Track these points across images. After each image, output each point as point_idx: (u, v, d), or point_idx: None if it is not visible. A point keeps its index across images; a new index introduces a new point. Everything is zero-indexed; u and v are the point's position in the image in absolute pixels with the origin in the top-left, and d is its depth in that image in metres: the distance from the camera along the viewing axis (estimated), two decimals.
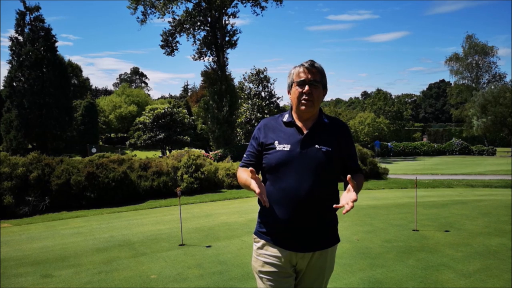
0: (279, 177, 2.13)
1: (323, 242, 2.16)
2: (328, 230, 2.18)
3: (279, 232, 2.14)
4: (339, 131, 2.23)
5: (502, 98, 35.53)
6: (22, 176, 9.73)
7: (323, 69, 2.23)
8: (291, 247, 2.13)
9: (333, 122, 2.26)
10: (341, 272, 4.49)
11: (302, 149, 2.11)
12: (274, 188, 2.14)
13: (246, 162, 2.28)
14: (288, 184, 2.09)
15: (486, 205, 8.53)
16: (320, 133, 2.17)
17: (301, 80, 2.16)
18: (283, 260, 2.15)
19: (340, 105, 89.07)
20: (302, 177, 2.07)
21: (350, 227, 6.69)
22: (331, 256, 2.24)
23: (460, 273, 4.39)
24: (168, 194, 11.50)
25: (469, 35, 48.33)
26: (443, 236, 5.91)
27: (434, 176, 17.48)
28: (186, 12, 30.26)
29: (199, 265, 4.90)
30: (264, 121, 2.32)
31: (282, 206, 2.09)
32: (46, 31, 33.34)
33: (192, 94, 73.11)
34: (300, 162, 2.09)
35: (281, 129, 2.21)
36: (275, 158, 2.14)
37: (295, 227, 2.10)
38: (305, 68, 2.18)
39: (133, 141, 37.70)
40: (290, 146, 2.13)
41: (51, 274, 4.83)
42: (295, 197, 2.07)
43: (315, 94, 2.16)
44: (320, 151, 2.10)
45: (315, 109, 2.19)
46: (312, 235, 2.12)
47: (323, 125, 2.20)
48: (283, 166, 2.11)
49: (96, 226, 7.82)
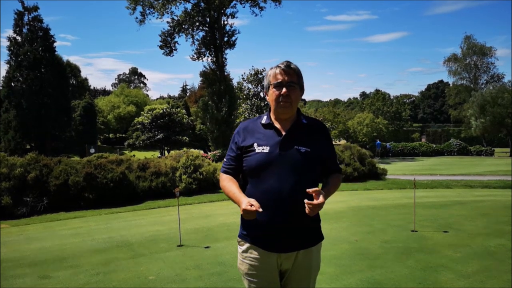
0: (259, 179, 2.14)
1: (306, 242, 2.19)
2: (311, 229, 2.20)
3: (262, 234, 2.16)
4: (317, 132, 2.25)
5: (501, 99, 35.58)
6: (20, 176, 9.71)
7: (300, 70, 2.24)
8: (274, 249, 2.15)
9: (312, 123, 2.28)
10: (340, 273, 4.48)
11: (281, 151, 2.13)
12: (255, 190, 2.15)
13: (227, 167, 2.31)
14: (268, 185, 2.11)
15: (485, 206, 8.53)
16: (299, 134, 2.19)
17: (278, 82, 2.17)
18: (268, 262, 2.17)
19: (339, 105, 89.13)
20: (282, 178, 2.09)
21: (349, 227, 6.69)
22: (316, 255, 2.26)
23: (459, 274, 4.39)
24: (166, 194, 11.47)
25: (468, 36, 48.45)
26: (442, 237, 5.91)
27: (432, 177, 17.49)
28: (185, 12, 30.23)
29: (197, 266, 4.89)
30: (243, 124, 2.34)
31: (264, 208, 2.07)
32: (44, 31, 33.32)
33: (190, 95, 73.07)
34: (280, 163, 2.11)
35: (260, 131, 2.22)
36: (255, 160, 2.16)
37: (277, 228, 2.11)
38: (281, 70, 2.19)
39: (132, 142, 37.66)
40: (269, 148, 2.14)
41: (49, 275, 4.81)
42: (276, 198, 2.08)
43: (293, 96, 2.18)
44: (299, 152, 2.12)
45: (293, 110, 2.22)
46: (295, 235, 2.13)
47: (302, 126, 2.22)
48: (263, 168, 2.13)
49: (95, 226, 7.80)
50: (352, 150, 15.58)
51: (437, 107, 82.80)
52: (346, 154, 15.15)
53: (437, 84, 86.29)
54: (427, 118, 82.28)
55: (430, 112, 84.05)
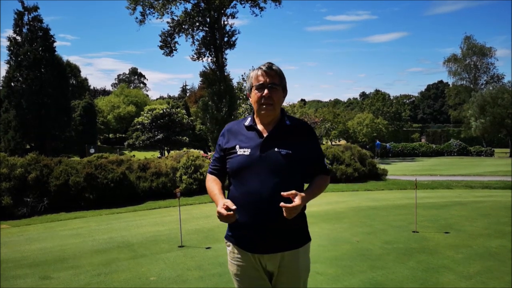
0: (241, 181, 2.16)
1: (289, 243, 2.17)
2: (293, 230, 2.17)
3: (244, 235, 2.18)
4: (301, 133, 2.23)
5: (501, 99, 35.63)
6: (21, 177, 9.71)
7: (282, 71, 2.24)
8: (255, 250, 2.16)
9: (296, 124, 2.25)
10: (341, 274, 4.48)
11: (262, 153, 2.13)
12: (238, 192, 2.17)
13: (212, 167, 2.36)
14: (249, 187, 2.11)
15: (486, 207, 8.53)
16: (281, 136, 2.17)
17: (259, 84, 2.18)
18: (252, 262, 2.19)
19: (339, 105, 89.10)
20: (263, 180, 2.09)
21: (350, 228, 6.69)
22: (304, 256, 2.24)
23: (460, 275, 4.39)
24: (167, 195, 11.46)
25: (468, 36, 48.47)
26: (443, 238, 5.91)
27: (433, 177, 17.49)
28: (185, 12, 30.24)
29: (198, 267, 4.88)
30: (227, 125, 2.36)
31: (245, 210, 2.11)
32: (44, 31, 33.32)
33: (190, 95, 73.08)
34: (260, 165, 2.11)
35: (243, 133, 2.24)
36: (236, 163, 2.18)
37: (257, 230, 2.12)
38: (263, 72, 2.19)
39: (132, 142, 37.65)
40: (250, 150, 2.15)
41: (50, 275, 4.81)
42: (256, 200, 2.09)
43: (275, 97, 2.18)
44: (280, 154, 2.11)
45: (276, 112, 2.20)
46: (276, 236, 2.12)
47: (285, 128, 2.20)
48: (244, 170, 2.14)
49: (95, 227, 7.80)
50: (352, 150, 15.59)
51: (437, 107, 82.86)
52: (346, 154, 15.15)
53: (437, 85, 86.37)
54: (426, 119, 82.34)
55: (430, 113, 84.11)
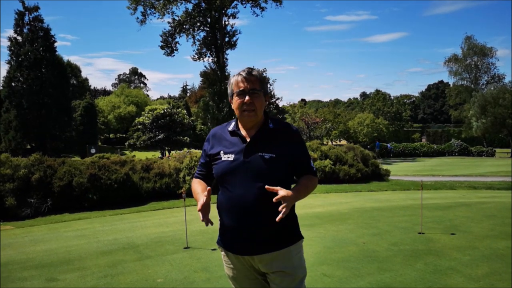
0: (226, 186, 2.18)
1: (277, 243, 2.16)
2: (280, 232, 2.16)
3: (230, 239, 2.20)
4: (285, 136, 2.21)
5: (502, 99, 35.64)
6: (24, 177, 9.69)
7: (262, 75, 2.25)
8: (243, 252, 2.18)
9: (280, 127, 2.24)
10: (349, 276, 4.47)
11: (246, 158, 2.13)
12: (223, 197, 2.20)
13: (198, 172, 2.40)
14: (234, 193, 2.13)
15: (490, 208, 8.51)
16: (264, 140, 2.17)
17: (240, 90, 2.18)
18: (243, 265, 2.23)
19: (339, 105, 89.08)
20: (247, 185, 2.10)
21: (355, 229, 6.67)
22: (296, 256, 2.22)
23: (469, 277, 4.38)
24: (170, 195, 11.43)
25: (468, 36, 48.39)
26: (449, 239, 5.89)
27: (435, 178, 17.48)
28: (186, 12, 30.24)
29: (205, 269, 4.88)
30: (213, 131, 2.38)
31: (230, 214, 2.15)
32: (45, 31, 33.27)
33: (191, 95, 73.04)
34: (244, 170, 2.12)
35: (226, 139, 2.25)
36: (221, 168, 2.19)
37: (244, 233, 2.14)
38: (243, 78, 2.19)
39: (133, 142, 37.60)
40: (234, 155, 2.16)
41: (56, 277, 4.80)
42: (240, 205, 2.11)
43: (257, 103, 2.17)
44: (263, 159, 2.11)
45: (258, 117, 2.20)
46: (262, 237, 2.13)
47: (268, 132, 2.20)
48: (229, 176, 2.16)
49: (99, 228, 7.78)
50: (355, 151, 15.59)
51: (437, 107, 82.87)
52: (349, 155, 15.15)
53: (437, 85, 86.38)
54: (427, 119, 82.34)
55: (431, 113, 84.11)
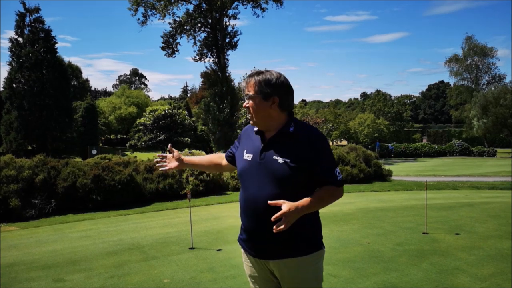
0: (243, 185, 2.18)
1: (290, 250, 2.08)
2: (295, 239, 2.07)
3: (247, 240, 2.20)
4: (304, 141, 2.06)
5: (503, 99, 35.66)
6: (28, 178, 9.70)
7: (263, 77, 2.10)
8: (258, 255, 2.17)
9: (301, 131, 2.10)
10: (355, 276, 4.49)
11: (261, 160, 2.10)
12: (241, 196, 2.20)
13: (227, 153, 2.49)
14: (248, 193, 2.12)
15: (494, 208, 8.53)
16: (281, 143, 2.08)
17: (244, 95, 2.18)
18: (259, 266, 2.21)
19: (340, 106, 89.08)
20: (260, 187, 2.07)
21: (360, 230, 6.69)
22: (312, 267, 2.13)
23: (474, 277, 4.39)
24: (174, 196, 11.45)
25: (469, 36, 48.46)
26: (454, 239, 5.91)
27: (437, 178, 17.49)
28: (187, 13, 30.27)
29: (211, 269, 4.89)
30: (245, 127, 2.37)
31: (245, 215, 2.15)
32: (46, 32, 33.32)
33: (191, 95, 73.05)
34: (259, 172, 2.09)
35: (251, 138, 2.23)
36: (240, 166, 2.21)
37: (256, 236, 2.13)
38: (245, 82, 2.18)
39: (134, 143, 37.67)
40: (252, 155, 2.15)
41: (63, 278, 4.81)
42: (254, 206, 2.09)
43: (251, 108, 2.12)
44: (277, 162, 2.04)
45: (258, 121, 2.14)
46: (274, 243, 2.06)
47: (286, 135, 2.09)
48: (245, 175, 2.16)
49: (104, 229, 7.79)
50: (357, 151, 15.60)
51: (438, 107, 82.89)
52: (351, 155, 15.17)
53: (438, 85, 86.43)
54: (428, 119, 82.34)
55: (431, 113, 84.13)
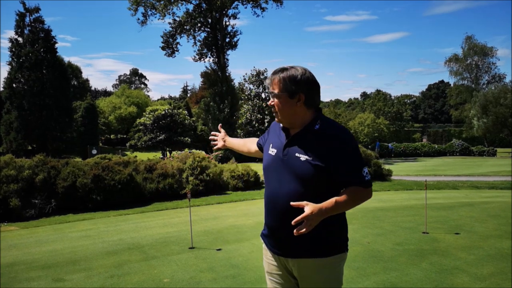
0: (267, 180, 2.18)
1: (310, 251, 2.04)
2: (316, 239, 2.01)
3: (268, 236, 2.20)
4: (329, 140, 1.99)
5: (503, 99, 35.67)
6: (28, 178, 9.70)
7: (287, 74, 2.06)
8: (277, 252, 2.15)
9: (327, 130, 2.03)
10: (355, 276, 4.49)
11: (284, 156, 2.07)
12: (265, 192, 2.20)
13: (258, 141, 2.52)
14: (270, 190, 2.13)
15: (494, 207, 8.53)
16: (304, 141, 2.04)
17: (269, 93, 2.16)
18: (278, 263, 2.19)
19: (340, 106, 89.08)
20: (282, 184, 2.05)
21: (360, 229, 6.68)
22: (333, 270, 2.08)
23: (474, 276, 4.39)
24: (173, 196, 11.45)
25: (469, 36, 48.41)
26: (454, 239, 5.91)
27: (437, 177, 17.49)
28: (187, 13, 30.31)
29: (211, 269, 4.89)
30: (274, 122, 2.33)
31: (267, 211, 2.15)
32: (46, 32, 33.36)
33: (191, 95, 73.09)
34: (281, 168, 2.07)
35: (277, 133, 2.22)
36: (265, 160, 2.21)
37: (276, 233, 2.12)
38: (269, 80, 2.16)
39: (134, 142, 37.67)
40: (276, 151, 2.13)
41: (63, 278, 4.82)
42: (274, 203, 2.09)
43: (276, 106, 2.09)
44: (299, 160, 2.00)
45: (284, 119, 2.11)
46: (293, 242, 2.00)
47: (311, 133, 2.04)
48: (269, 170, 2.16)
49: (104, 229, 7.79)
50: None
51: (438, 107, 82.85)
52: None
53: (438, 84, 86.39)
54: (428, 118, 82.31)
55: (431, 112, 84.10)
